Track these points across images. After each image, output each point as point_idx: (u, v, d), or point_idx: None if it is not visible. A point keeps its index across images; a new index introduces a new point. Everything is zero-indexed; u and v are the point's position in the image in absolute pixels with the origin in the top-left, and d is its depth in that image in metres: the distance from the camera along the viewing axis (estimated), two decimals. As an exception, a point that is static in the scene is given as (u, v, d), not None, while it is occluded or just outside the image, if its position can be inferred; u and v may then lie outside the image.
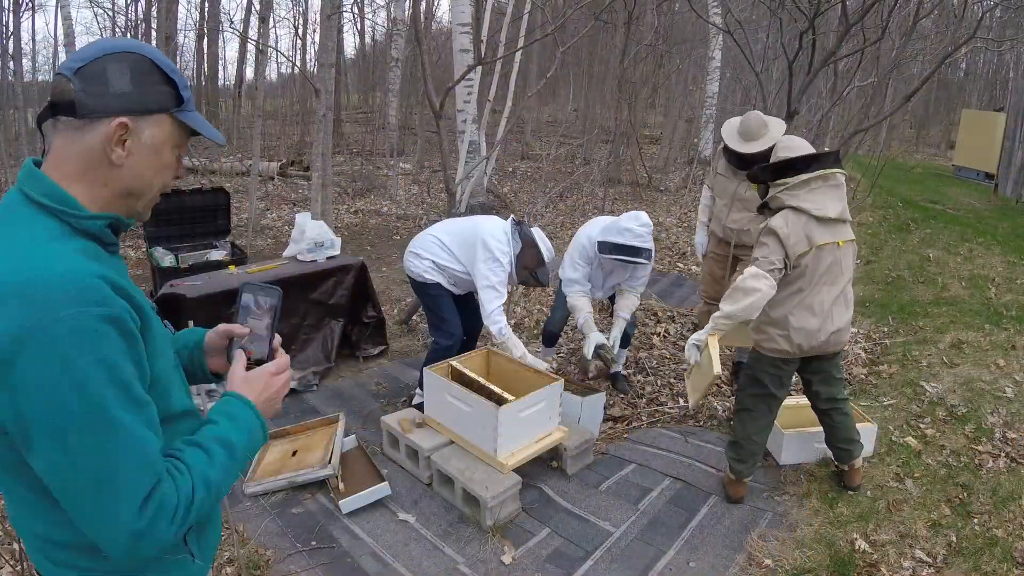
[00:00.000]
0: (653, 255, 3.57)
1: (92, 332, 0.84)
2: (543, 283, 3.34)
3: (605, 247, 3.35)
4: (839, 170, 2.57)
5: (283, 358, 1.15)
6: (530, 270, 3.23)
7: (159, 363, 0.98)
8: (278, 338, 1.16)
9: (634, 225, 3.32)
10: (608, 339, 3.62)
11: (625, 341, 3.90)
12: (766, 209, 2.69)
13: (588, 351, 3.56)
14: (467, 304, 3.58)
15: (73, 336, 0.82)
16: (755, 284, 2.48)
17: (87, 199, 0.94)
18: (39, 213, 0.92)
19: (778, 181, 2.59)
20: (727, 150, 3.60)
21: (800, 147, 2.63)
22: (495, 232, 3.23)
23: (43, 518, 0.96)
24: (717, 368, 2.65)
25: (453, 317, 3.44)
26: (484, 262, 3.17)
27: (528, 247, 3.22)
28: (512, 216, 3.39)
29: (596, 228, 3.53)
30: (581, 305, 3.62)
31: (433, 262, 3.36)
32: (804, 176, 2.52)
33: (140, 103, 0.95)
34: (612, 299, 3.83)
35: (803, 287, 2.57)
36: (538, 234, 3.32)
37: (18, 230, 0.90)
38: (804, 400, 3.38)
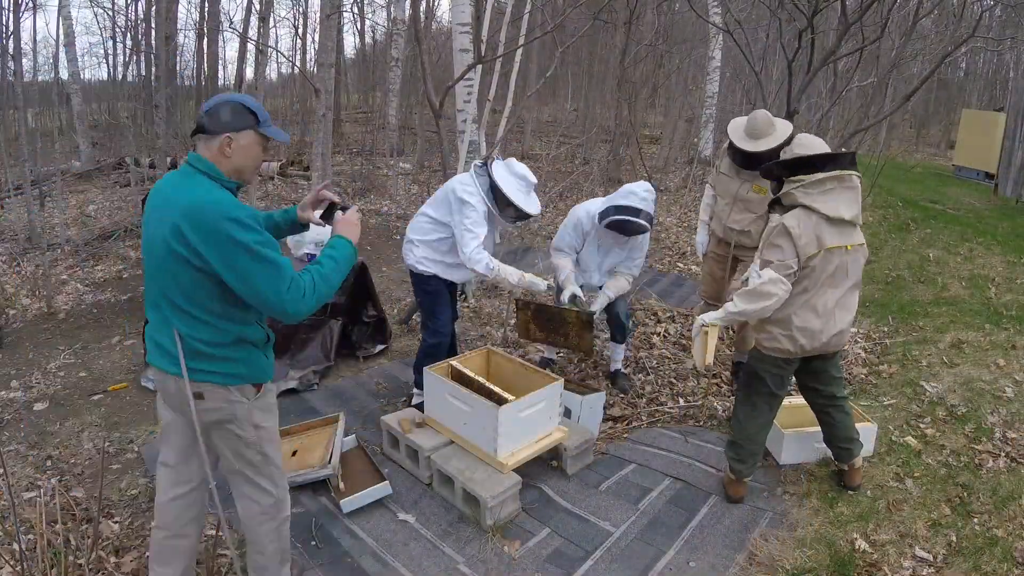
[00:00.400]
0: (647, 237, 3.63)
1: (242, 220, 1.75)
2: (526, 213, 3.25)
3: (611, 210, 3.40)
4: (855, 172, 2.57)
5: (353, 209, 2.10)
6: (504, 202, 3.20)
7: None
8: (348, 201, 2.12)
9: (639, 190, 3.41)
10: (587, 297, 3.67)
11: (621, 338, 3.90)
12: (778, 205, 2.68)
13: (565, 296, 3.61)
14: (454, 301, 3.61)
15: (233, 224, 1.73)
16: (773, 289, 2.49)
17: (224, 171, 1.86)
18: (201, 175, 1.84)
19: (794, 178, 2.57)
20: (732, 149, 3.58)
21: (817, 146, 2.62)
22: (462, 179, 3.29)
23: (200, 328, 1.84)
24: (700, 364, 2.72)
25: (444, 315, 3.44)
26: (456, 211, 3.20)
27: (494, 184, 3.19)
28: (476, 161, 3.39)
29: (595, 204, 3.58)
30: (562, 264, 3.70)
31: (426, 247, 3.34)
32: (820, 175, 2.50)
33: (235, 126, 1.86)
34: None
35: (808, 288, 2.56)
36: (507, 167, 3.27)
37: (198, 180, 1.83)
38: (804, 400, 3.38)
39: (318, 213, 2.15)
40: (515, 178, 3.23)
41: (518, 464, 2.82)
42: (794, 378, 2.87)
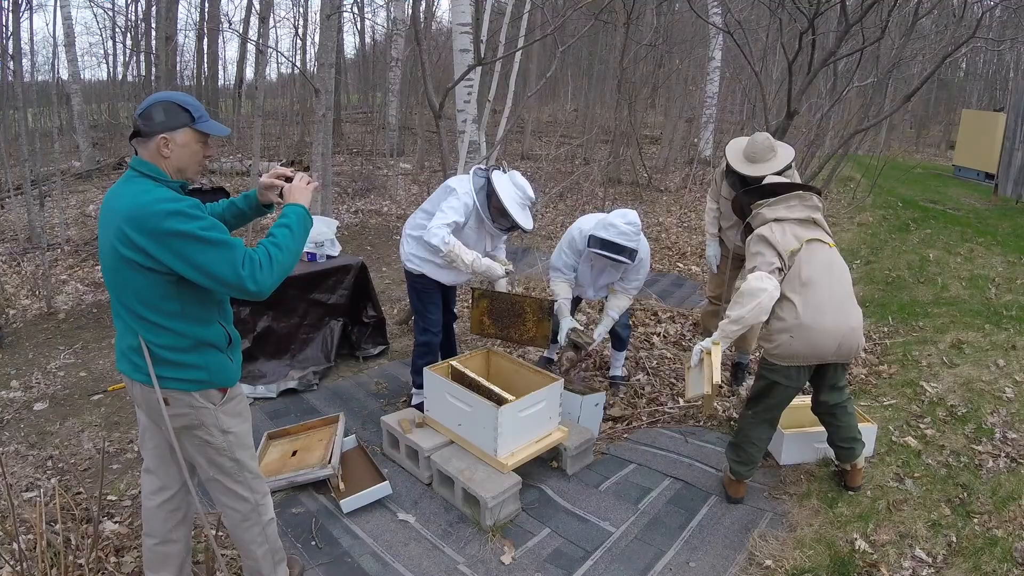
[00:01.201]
0: (644, 258, 3.56)
1: (183, 211, 1.73)
2: (518, 225, 3.21)
3: (593, 240, 3.37)
4: (816, 193, 2.76)
5: (300, 175, 2.07)
6: (498, 209, 3.16)
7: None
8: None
9: (619, 222, 3.31)
10: (591, 329, 3.67)
11: (621, 345, 3.90)
12: (750, 231, 2.78)
13: (561, 337, 3.59)
14: (446, 302, 3.60)
15: (174, 216, 1.71)
16: (760, 284, 2.49)
17: (166, 172, 1.84)
18: (143, 178, 1.81)
19: (759, 201, 2.75)
20: (731, 172, 3.48)
21: (778, 182, 2.86)
22: (459, 176, 3.32)
23: (154, 331, 1.83)
24: (707, 388, 2.65)
25: (433, 314, 3.45)
26: (442, 197, 3.22)
27: (490, 187, 3.17)
28: (479, 166, 3.37)
29: (590, 222, 3.55)
30: (558, 291, 3.67)
31: (417, 243, 3.33)
32: (782, 195, 2.72)
33: (169, 125, 1.82)
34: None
35: (806, 284, 2.56)
36: (509, 177, 3.23)
37: (138, 183, 1.80)
38: (804, 400, 3.38)
39: (276, 194, 2.12)
40: (514, 188, 3.19)
41: (518, 464, 2.82)
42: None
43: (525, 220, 3.22)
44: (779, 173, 3.21)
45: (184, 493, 2.10)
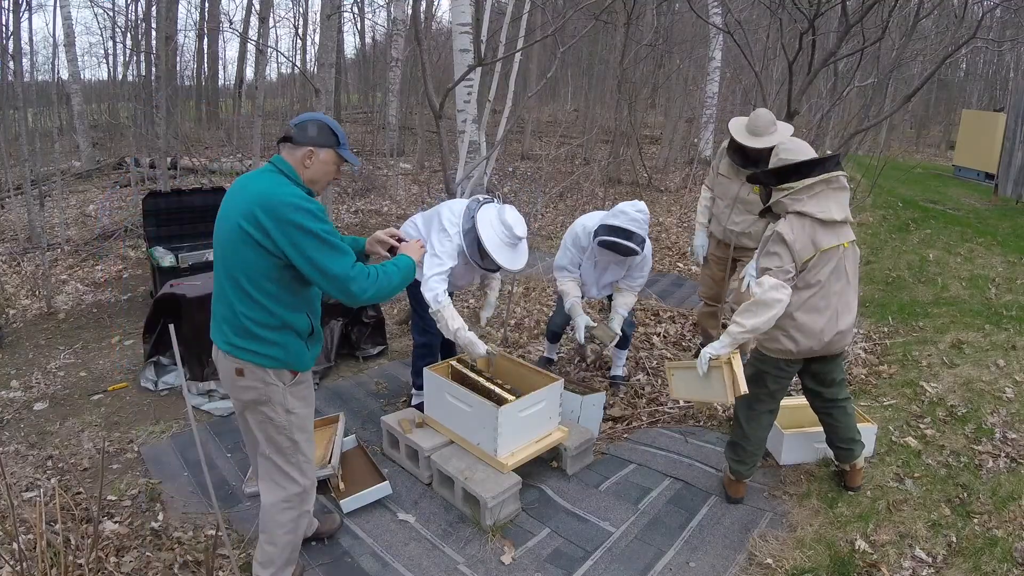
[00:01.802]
0: (647, 255, 3.55)
1: (312, 211, 1.95)
2: (491, 268, 3.10)
3: (601, 229, 3.33)
4: (841, 172, 2.57)
5: (415, 241, 2.37)
6: (482, 252, 2.98)
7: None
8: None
9: (630, 209, 3.30)
10: (606, 323, 3.65)
11: (624, 344, 3.90)
12: (769, 213, 2.68)
13: (580, 335, 3.57)
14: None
15: (302, 212, 1.93)
16: (776, 295, 2.46)
17: (302, 179, 2.07)
18: (282, 175, 2.04)
19: (782, 186, 2.57)
20: (732, 147, 3.57)
21: (803, 150, 2.61)
22: (452, 207, 3.13)
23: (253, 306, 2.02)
24: (731, 398, 2.59)
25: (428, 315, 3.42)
26: (434, 232, 3.07)
27: (473, 228, 2.98)
28: (481, 196, 3.19)
29: (593, 219, 3.54)
30: (568, 290, 3.64)
31: None
32: (808, 181, 2.51)
33: (319, 142, 2.07)
34: (611, 299, 3.83)
35: (809, 288, 2.55)
36: (497, 213, 3.03)
37: (277, 177, 2.03)
38: (804, 400, 3.38)
39: (386, 248, 2.36)
40: (500, 227, 2.98)
41: (518, 464, 2.82)
42: (797, 378, 2.87)
43: (510, 261, 3.01)
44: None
45: None
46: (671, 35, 13.78)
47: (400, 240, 2.36)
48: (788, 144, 2.68)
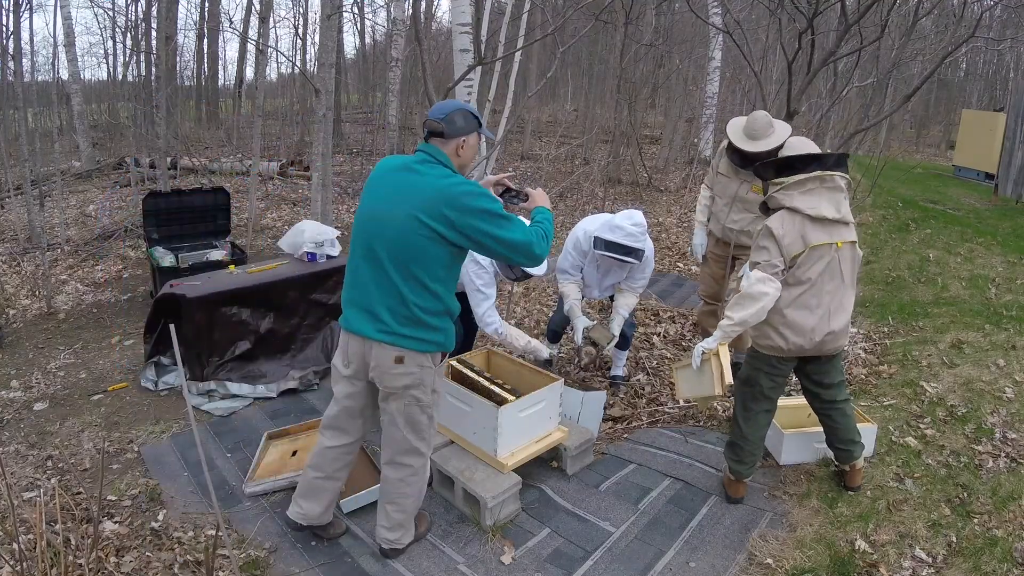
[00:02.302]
0: (649, 257, 3.56)
1: (486, 194, 2.12)
2: (528, 275, 3.21)
3: (599, 243, 3.36)
4: (839, 173, 2.55)
5: (537, 190, 2.44)
6: (510, 265, 3.09)
7: None
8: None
9: (626, 224, 3.31)
10: (606, 324, 3.66)
11: (624, 344, 3.90)
12: (766, 209, 2.69)
13: (578, 337, 3.59)
14: (465, 303, 3.57)
15: (482, 198, 2.09)
16: (763, 288, 2.47)
17: (455, 166, 2.20)
18: (440, 165, 2.15)
19: (775, 180, 2.59)
20: (731, 148, 3.58)
21: (802, 147, 2.63)
22: None
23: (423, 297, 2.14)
24: (719, 389, 2.63)
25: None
26: (468, 266, 3.14)
27: None
28: None
29: (594, 223, 3.54)
30: (568, 292, 3.67)
31: None
32: (800, 176, 2.51)
33: (468, 130, 2.20)
34: (613, 299, 3.83)
35: (800, 286, 2.54)
36: None
37: (438, 169, 2.14)
38: (804, 400, 3.38)
39: (500, 191, 2.44)
40: None
41: (518, 464, 2.82)
42: (796, 378, 2.87)
43: (538, 268, 3.12)
44: (777, 150, 3.23)
45: (359, 443, 2.48)
46: (671, 35, 13.78)
47: (508, 189, 2.45)
48: (794, 142, 2.72)
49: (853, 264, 2.63)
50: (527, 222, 2.23)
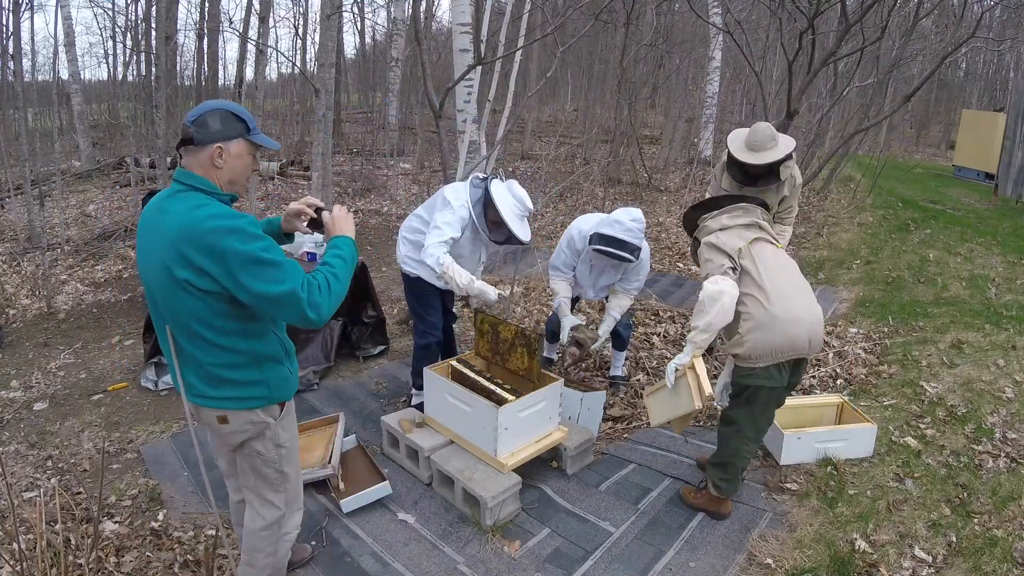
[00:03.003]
0: (645, 259, 3.55)
1: (243, 230, 1.65)
2: (515, 238, 3.12)
3: (595, 238, 3.35)
4: (761, 208, 2.77)
5: (339, 207, 1.99)
6: (495, 223, 3.08)
7: None
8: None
9: (625, 219, 3.31)
10: (594, 327, 3.67)
11: (621, 345, 3.90)
12: (698, 244, 2.75)
13: (563, 336, 3.60)
14: (444, 303, 3.57)
15: (234, 235, 1.63)
16: (717, 287, 2.43)
17: (218, 185, 1.76)
18: (194, 191, 1.72)
19: (703, 215, 2.77)
20: (731, 163, 3.44)
21: (727, 195, 2.90)
22: (455, 186, 3.22)
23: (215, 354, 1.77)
24: (698, 403, 2.51)
25: (431, 315, 3.42)
26: (438, 210, 3.12)
27: (487, 199, 3.08)
28: (479, 175, 3.25)
29: (589, 222, 3.54)
30: (558, 289, 3.68)
31: (411, 246, 3.31)
32: (726, 206, 2.73)
33: (225, 135, 1.75)
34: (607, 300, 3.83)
35: (762, 281, 2.49)
36: (508, 187, 3.13)
37: (190, 198, 1.70)
38: (804, 400, 3.39)
39: (304, 223, 2.04)
40: (512, 199, 3.10)
41: (518, 464, 2.82)
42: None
43: (523, 232, 3.13)
44: (779, 163, 3.23)
45: None
46: (671, 35, 13.78)
47: (319, 210, 2.01)
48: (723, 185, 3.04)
49: (796, 266, 2.70)
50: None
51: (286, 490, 2.05)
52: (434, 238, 3.03)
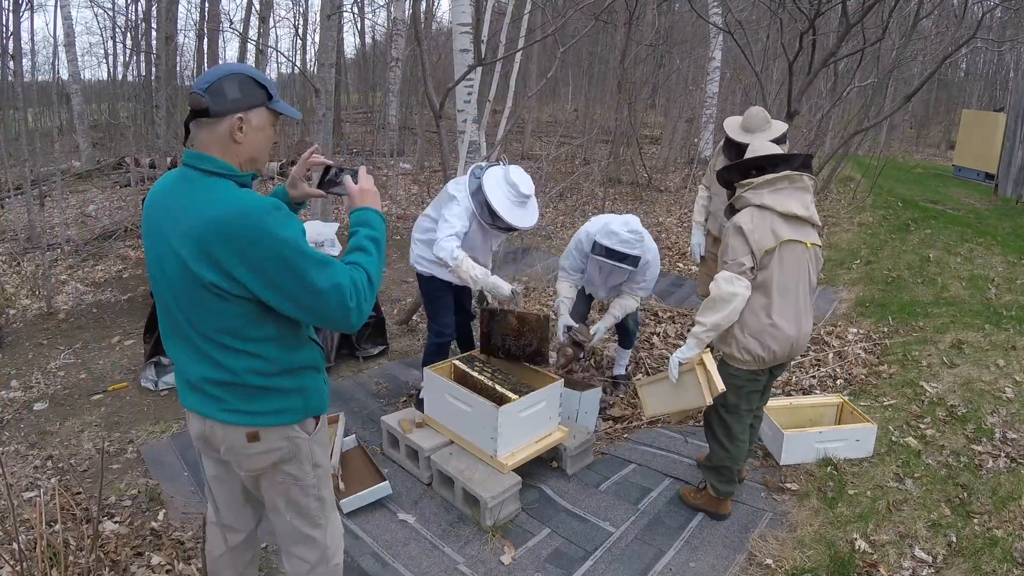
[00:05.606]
0: (651, 261, 3.55)
1: (279, 220, 1.42)
2: (503, 228, 3.13)
3: (596, 247, 3.37)
4: (807, 173, 2.52)
5: (362, 171, 1.70)
6: (491, 212, 3.04)
7: None
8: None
9: (622, 230, 3.30)
10: (590, 326, 3.69)
11: (627, 343, 3.90)
12: (732, 210, 2.60)
13: (560, 334, 3.62)
14: (460, 302, 3.58)
15: (269, 228, 1.40)
16: (731, 289, 2.40)
17: (237, 164, 1.52)
18: (215, 176, 1.48)
19: (743, 181, 2.54)
20: (728, 145, 3.59)
21: (766, 150, 2.61)
22: (458, 179, 3.23)
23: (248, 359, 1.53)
24: (708, 398, 2.49)
25: (445, 315, 3.43)
26: (445, 203, 3.14)
27: (480, 187, 3.06)
28: (483, 162, 3.26)
29: (596, 225, 3.55)
30: (560, 290, 3.71)
31: (424, 245, 3.32)
32: (769, 176, 2.47)
33: (246, 103, 1.50)
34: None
35: (773, 289, 2.45)
36: (503, 173, 3.09)
37: (214, 184, 1.46)
38: (804, 400, 3.39)
39: (313, 183, 1.75)
40: (506, 186, 3.05)
41: (518, 464, 2.82)
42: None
43: (519, 219, 3.09)
44: (774, 142, 3.22)
45: (255, 534, 1.91)
46: (671, 35, 13.77)
47: (336, 170, 1.73)
48: (756, 146, 2.68)
49: (817, 266, 2.58)
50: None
51: (327, 520, 1.76)
52: (444, 231, 3.02)
